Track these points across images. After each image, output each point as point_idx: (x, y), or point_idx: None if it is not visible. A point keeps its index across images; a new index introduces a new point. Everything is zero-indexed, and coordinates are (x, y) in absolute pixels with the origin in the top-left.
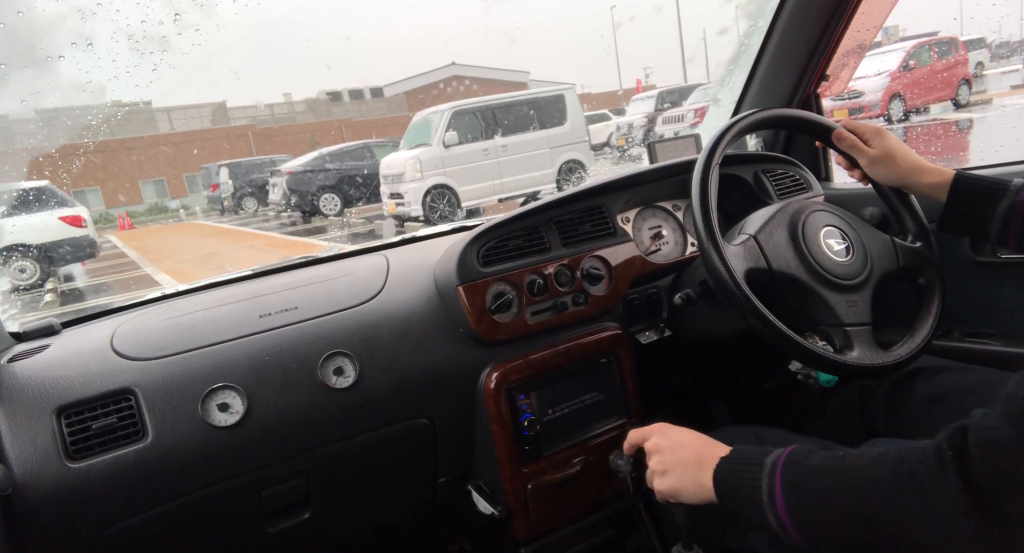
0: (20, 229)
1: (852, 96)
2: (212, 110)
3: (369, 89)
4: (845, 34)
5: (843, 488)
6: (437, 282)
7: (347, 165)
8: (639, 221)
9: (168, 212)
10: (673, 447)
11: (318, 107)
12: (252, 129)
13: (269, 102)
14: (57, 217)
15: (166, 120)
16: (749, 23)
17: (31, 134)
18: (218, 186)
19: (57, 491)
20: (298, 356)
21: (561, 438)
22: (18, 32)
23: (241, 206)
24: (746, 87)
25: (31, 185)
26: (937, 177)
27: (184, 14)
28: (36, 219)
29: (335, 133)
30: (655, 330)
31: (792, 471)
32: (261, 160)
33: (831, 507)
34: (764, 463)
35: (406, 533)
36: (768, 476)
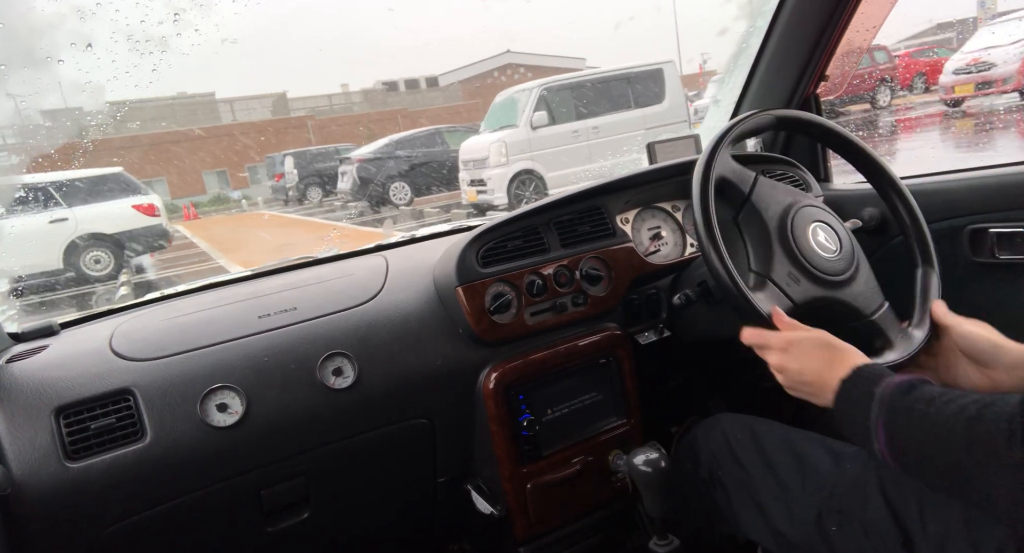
0: (94, 218)
1: (981, 69)
2: (272, 101)
3: (424, 79)
4: (844, 34)
5: (926, 436)
6: (436, 283)
7: (417, 152)
8: (638, 222)
9: (230, 202)
10: (799, 371)
11: (374, 97)
12: (311, 119)
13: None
14: (131, 205)
15: (228, 111)
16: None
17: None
18: (283, 176)
19: (56, 491)
20: (297, 356)
21: (561, 438)
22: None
23: (306, 196)
24: (746, 87)
25: (104, 172)
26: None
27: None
28: (109, 207)
29: (391, 123)
30: (654, 330)
31: (890, 411)
32: (326, 149)
33: (918, 452)
34: (874, 395)
35: (405, 533)
36: (876, 409)
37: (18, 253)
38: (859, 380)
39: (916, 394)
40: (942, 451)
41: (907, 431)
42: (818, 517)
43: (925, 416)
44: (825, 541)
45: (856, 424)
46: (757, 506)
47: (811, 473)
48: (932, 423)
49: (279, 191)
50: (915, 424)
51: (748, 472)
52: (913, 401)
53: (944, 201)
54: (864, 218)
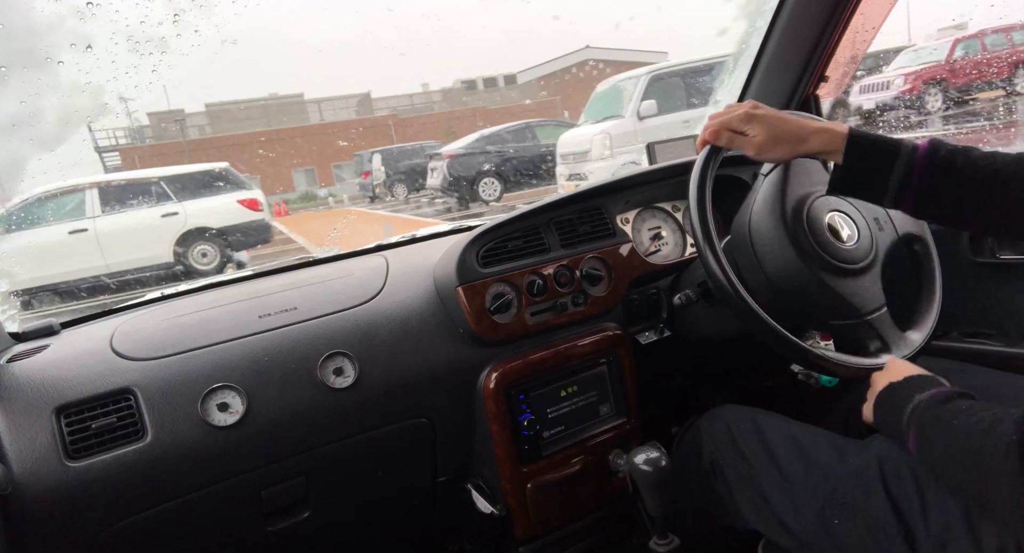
0: (202, 212)
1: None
2: (357, 101)
3: (503, 76)
4: (844, 35)
5: (947, 445)
6: (437, 283)
7: (508, 147)
8: (638, 222)
9: (317, 200)
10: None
11: (453, 96)
12: (394, 118)
13: (409, 92)
14: (236, 200)
15: (316, 111)
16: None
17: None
18: (370, 173)
19: (56, 491)
20: (298, 356)
21: (561, 438)
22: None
23: (392, 192)
24: (745, 88)
25: (211, 167)
26: (829, 138)
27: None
28: (216, 202)
29: (469, 121)
30: (655, 330)
31: (921, 417)
32: (412, 146)
33: (941, 460)
34: (913, 398)
35: (406, 532)
36: (910, 412)
37: (133, 246)
38: (906, 384)
39: (950, 406)
40: (958, 460)
41: (932, 439)
42: (821, 510)
43: (949, 426)
44: (828, 533)
45: (892, 427)
46: (760, 496)
47: (814, 466)
48: (953, 434)
49: (366, 188)
50: (940, 433)
51: (750, 463)
52: (944, 411)
53: None
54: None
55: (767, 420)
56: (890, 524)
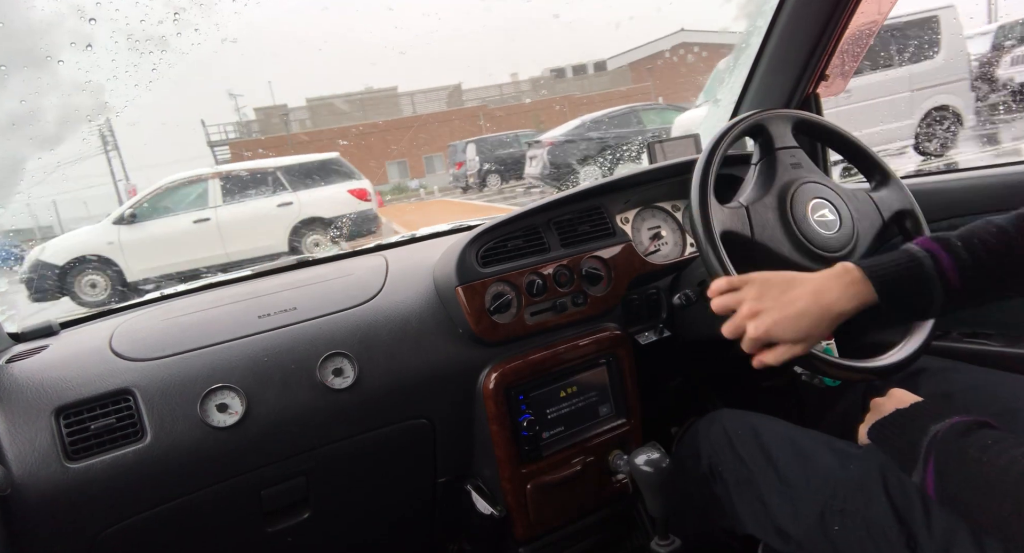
0: (315, 201)
1: None
2: (448, 93)
3: (593, 64)
4: (845, 34)
5: (975, 485)
6: (436, 283)
7: (611, 133)
8: (638, 221)
9: (409, 191)
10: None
11: (542, 85)
12: (483, 110)
13: (498, 82)
14: (346, 190)
15: (409, 104)
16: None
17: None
18: (464, 163)
19: (56, 491)
20: (297, 356)
21: (561, 438)
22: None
23: (486, 183)
24: (745, 87)
25: (323, 157)
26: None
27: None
28: (327, 192)
29: (557, 110)
30: (654, 330)
31: (943, 450)
32: (507, 135)
33: (966, 498)
34: (928, 431)
35: (405, 533)
36: (927, 444)
37: (252, 236)
38: (917, 411)
39: (973, 438)
40: (990, 503)
41: (960, 479)
42: (820, 515)
43: (977, 464)
44: (828, 539)
45: (903, 456)
46: (759, 501)
47: (814, 471)
48: (984, 474)
49: (459, 179)
50: (967, 470)
51: (748, 468)
52: (968, 445)
53: (944, 201)
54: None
55: (765, 424)
56: (892, 529)
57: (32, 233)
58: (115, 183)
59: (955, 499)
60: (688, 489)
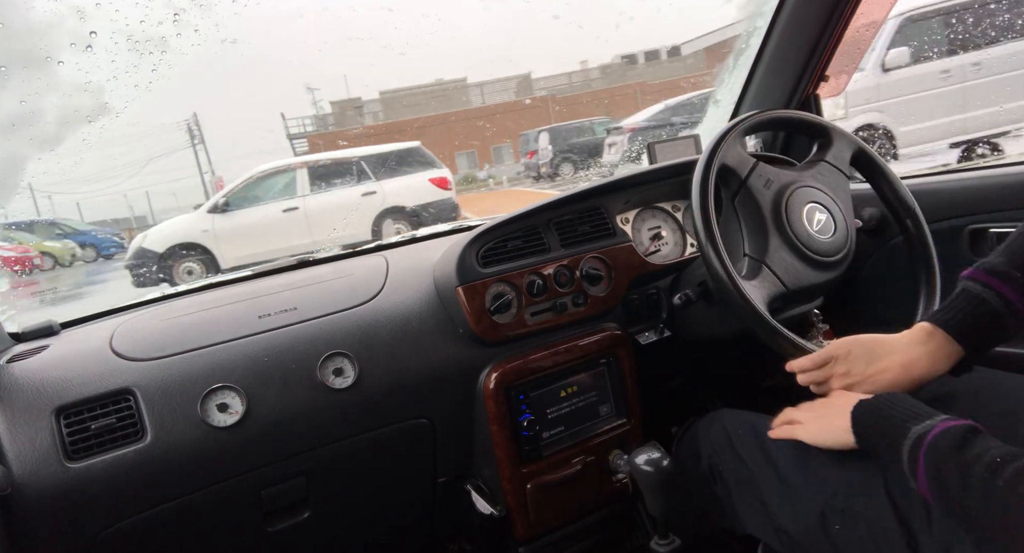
0: (397, 190)
1: None
2: (517, 82)
3: (666, 49)
4: (845, 34)
5: (987, 507)
6: (436, 283)
7: (697, 117)
8: (638, 222)
9: (477, 182)
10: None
11: (613, 72)
12: (552, 99)
13: (567, 71)
14: (427, 179)
15: (479, 94)
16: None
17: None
18: (535, 153)
19: (56, 491)
20: (297, 356)
21: (561, 438)
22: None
23: (558, 171)
24: (745, 87)
25: (404, 146)
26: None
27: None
28: (409, 181)
29: (630, 97)
30: (654, 331)
31: (940, 465)
32: (580, 123)
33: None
34: (909, 433)
35: (405, 533)
36: (910, 449)
37: (336, 224)
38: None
39: (974, 453)
40: (1007, 526)
41: (963, 493)
42: (821, 515)
43: (987, 485)
44: (828, 539)
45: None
46: (759, 502)
47: (814, 471)
48: (997, 498)
49: (531, 168)
50: (974, 490)
51: (749, 468)
52: (972, 462)
53: (944, 201)
54: (864, 218)
55: (766, 424)
56: (892, 529)
57: (129, 222)
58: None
59: (960, 514)
60: (688, 489)
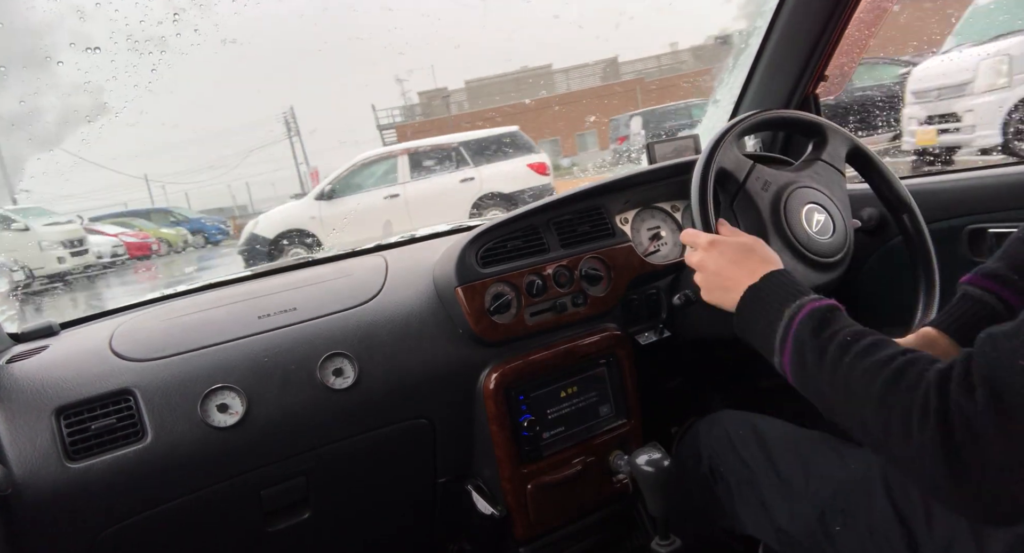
0: (495, 176)
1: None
2: (603, 67)
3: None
4: (844, 35)
5: (837, 386)
6: (436, 283)
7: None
8: (638, 222)
9: (561, 169)
10: (716, 271)
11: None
12: (640, 83)
13: (656, 53)
14: (525, 164)
15: (564, 81)
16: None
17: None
18: (626, 138)
19: (56, 491)
20: (297, 357)
21: (561, 438)
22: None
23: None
24: (745, 87)
25: (503, 131)
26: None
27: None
28: (507, 166)
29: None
30: (654, 331)
31: (799, 343)
32: (676, 106)
33: (828, 398)
34: (783, 314)
35: (405, 533)
36: (783, 329)
37: (437, 211)
38: (768, 291)
39: (831, 331)
40: (854, 406)
41: (817, 372)
42: (821, 515)
43: (838, 363)
44: (828, 539)
45: (759, 336)
46: (759, 502)
47: (814, 471)
48: (846, 374)
49: (622, 154)
50: (827, 368)
51: (750, 468)
52: (827, 339)
53: (943, 201)
54: (863, 218)
55: (766, 424)
56: (892, 530)
57: (232, 211)
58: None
59: (818, 399)
60: (689, 489)
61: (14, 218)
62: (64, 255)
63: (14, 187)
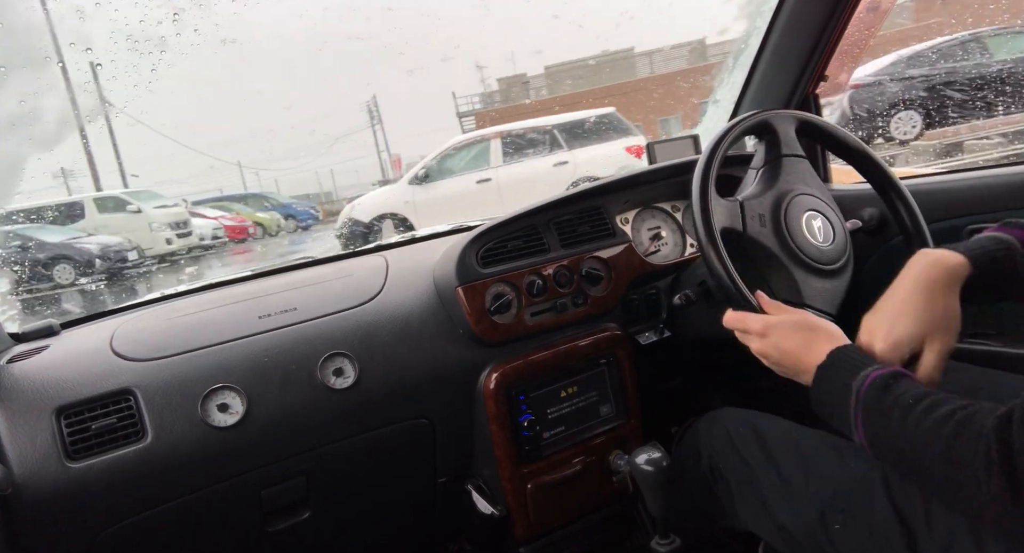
0: (589, 160)
1: None
2: (689, 49)
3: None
4: (844, 34)
5: (906, 447)
6: (436, 283)
7: (938, 70)
8: (638, 222)
9: None
10: (779, 356)
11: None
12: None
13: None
14: (623, 148)
15: (647, 64)
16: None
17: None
18: None
19: (56, 491)
20: (298, 357)
21: (561, 438)
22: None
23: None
24: (745, 87)
25: (598, 112)
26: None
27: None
28: (603, 150)
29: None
30: (654, 331)
31: (867, 410)
32: None
33: (900, 460)
34: (851, 388)
35: (405, 533)
36: (853, 403)
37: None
38: (835, 368)
39: (893, 395)
40: (924, 465)
41: (887, 437)
42: (821, 514)
43: (903, 424)
44: (828, 538)
45: (835, 414)
46: (760, 501)
47: (814, 470)
48: (911, 435)
49: None
50: (895, 431)
51: (750, 467)
52: (891, 405)
53: (944, 201)
54: (864, 218)
55: (766, 423)
56: (892, 530)
57: (319, 197)
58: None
59: (894, 464)
60: (688, 488)
61: (128, 200)
62: (172, 237)
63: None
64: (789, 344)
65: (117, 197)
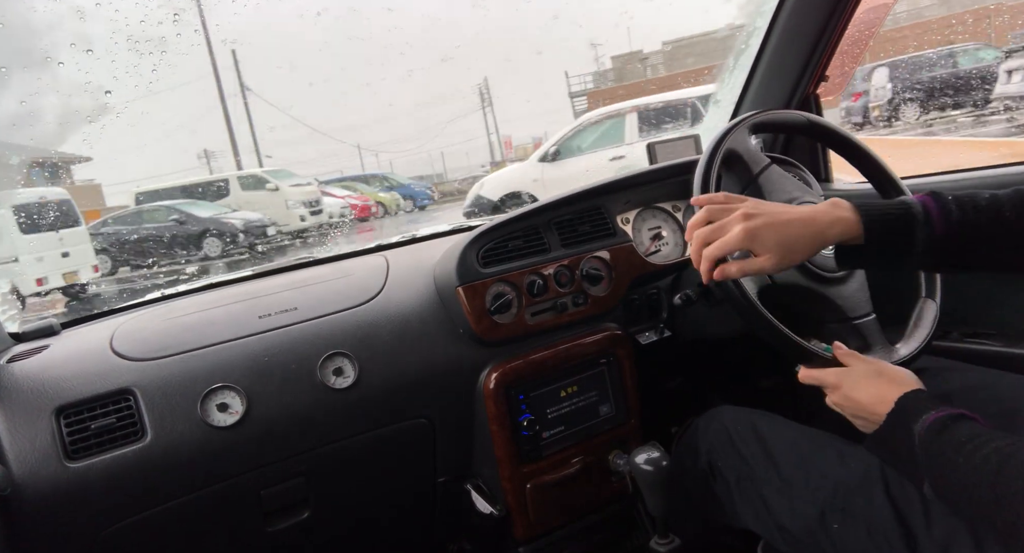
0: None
1: None
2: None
3: None
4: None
5: (956, 486)
6: (437, 283)
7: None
8: (639, 222)
9: None
10: (853, 407)
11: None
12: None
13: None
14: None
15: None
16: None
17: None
18: (862, 94)
19: (56, 491)
20: (297, 356)
21: (561, 438)
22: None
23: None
24: (745, 87)
25: (703, 91)
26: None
27: None
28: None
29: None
30: (655, 331)
31: (926, 454)
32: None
33: (953, 499)
34: (913, 431)
35: (405, 533)
36: (917, 448)
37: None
38: (901, 415)
39: (947, 437)
40: (974, 503)
41: (941, 478)
42: (821, 513)
43: (954, 465)
44: (828, 537)
45: (903, 464)
46: (759, 499)
47: (814, 469)
48: (961, 474)
49: (855, 112)
50: (947, 472)
51: (750, 465)
52: (944, 446)
53: None
54: None
55: (766, 422)
56: (891, 529)
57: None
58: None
59: (951, 503)
60: (688, 487)
61: (267, 179)
62: (305, 214)
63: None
64: (860, 394)
65: (257, 176)
